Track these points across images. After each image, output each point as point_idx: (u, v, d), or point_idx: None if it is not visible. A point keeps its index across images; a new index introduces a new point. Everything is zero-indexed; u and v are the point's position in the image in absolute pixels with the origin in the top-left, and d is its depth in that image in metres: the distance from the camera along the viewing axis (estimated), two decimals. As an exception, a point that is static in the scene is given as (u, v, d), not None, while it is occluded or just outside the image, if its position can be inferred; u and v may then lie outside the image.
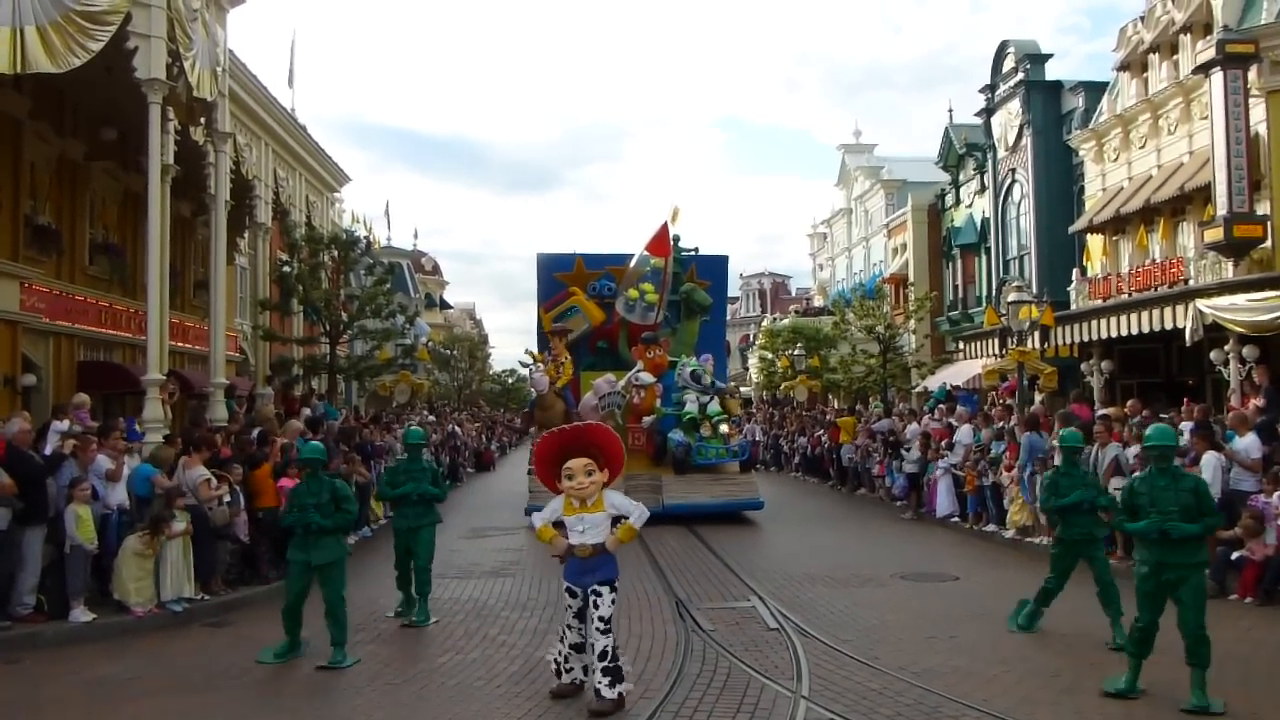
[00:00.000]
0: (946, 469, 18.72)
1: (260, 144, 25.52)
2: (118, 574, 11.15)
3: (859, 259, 49.67)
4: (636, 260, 21.50)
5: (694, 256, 23.49)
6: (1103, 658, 8.79)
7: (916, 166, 44.35)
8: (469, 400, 57.47)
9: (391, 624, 10.94)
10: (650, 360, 20.07)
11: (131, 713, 7.84)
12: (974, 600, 11.69)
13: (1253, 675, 8.30)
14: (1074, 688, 7.94)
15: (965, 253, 36.68)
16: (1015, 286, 26.20)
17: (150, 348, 13.79)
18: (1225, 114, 20.42)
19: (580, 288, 21.97)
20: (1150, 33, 25.03)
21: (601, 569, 7.57)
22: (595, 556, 7.59)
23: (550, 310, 21.90)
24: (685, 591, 12.18)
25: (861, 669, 8.50)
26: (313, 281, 26.08)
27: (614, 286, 21.71)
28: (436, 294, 68.56)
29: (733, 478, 19.55)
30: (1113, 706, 7.46)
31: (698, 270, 23.05)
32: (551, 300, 22.10)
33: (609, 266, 22.11)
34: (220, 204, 16.77)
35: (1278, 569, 11.26)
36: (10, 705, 8.17)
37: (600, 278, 22.04)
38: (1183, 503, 7.56)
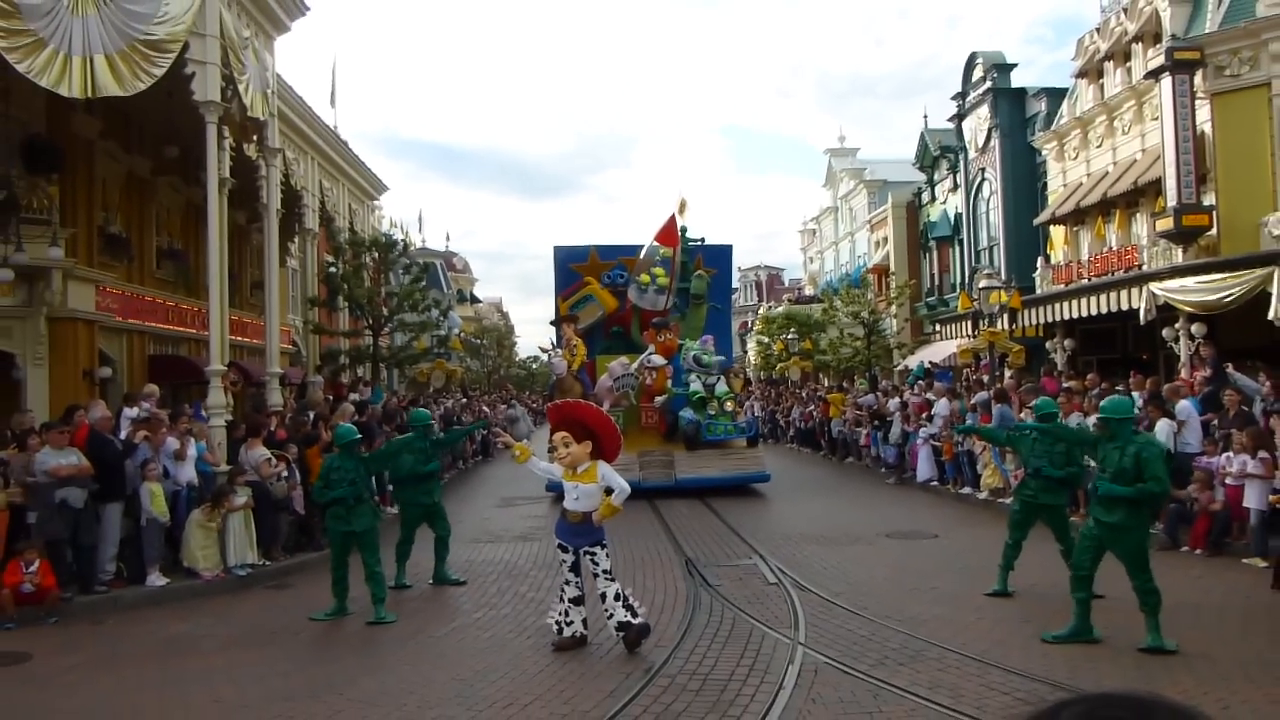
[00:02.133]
0: (926, 438, 18.69)
1: (307, 158, 25.50)
2: (186, 543, 11.23)
3: (845, 252, 49.50)
4: (647, 250, 21.09)
5: (700, 246, 22.96)
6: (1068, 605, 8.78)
7: (896, 167, 44.08)
8: (498, 384, 57.49)
9: (429, 585, 10.99)
10: (661, 344, 19.74)
11: (202, 665, 7.90)
12: (952, 556, 11.71)
13: (1203, 619, 8.29)
14: (1042, 631, 7.94)
15: (940, 244, 36.50)
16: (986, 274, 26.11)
17: (212, 342, 13.81)
18: (1174, 115, 20.24)
19: (595, 277, 21.56)
20: (1105, 42, 24.81)
21: (592, 533, 7.70)
22: (584, 523, 7.68)
23: (567, 299, 21.52)
24: (694, 551, 12.21)
25: (852, 618, 8.52)
26: (356, 280, 26.09)
27: (626, 276, 21.29)
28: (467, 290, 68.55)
29: (740, 452, 18.96)
30: (1075, 648, 7.46)
31: (704, 259, 22.48)
32: (568, 290, 21.70)
33: (621, 257, 21.67)
34: (272, 212, 16.75)
35: (1224, 523, 11.24)
36: (97, 661, 8.25)
37: (613, 268, 21.63)
38: (1121, 466, 7.50)
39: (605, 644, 7.97)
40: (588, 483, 7.65)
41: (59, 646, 8.72)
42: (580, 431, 7.67)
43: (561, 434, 7.70)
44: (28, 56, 11.20)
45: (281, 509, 12.53)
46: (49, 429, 10.66)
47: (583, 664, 7.49)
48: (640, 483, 16.80)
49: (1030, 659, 7.21)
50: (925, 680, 6.71)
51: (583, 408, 8.07)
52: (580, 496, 7.66)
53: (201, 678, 7.53)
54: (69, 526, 10.23)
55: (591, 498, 7.63)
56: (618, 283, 21.46)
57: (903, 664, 7.10)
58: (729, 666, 7.23)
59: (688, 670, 7.18)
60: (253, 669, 7.76)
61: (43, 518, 10.13)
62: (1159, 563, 7.95)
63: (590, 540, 7.69)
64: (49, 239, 14.11)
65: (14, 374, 14.35)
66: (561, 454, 7.70)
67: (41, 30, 11.26)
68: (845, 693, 6.53)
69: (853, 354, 35.83)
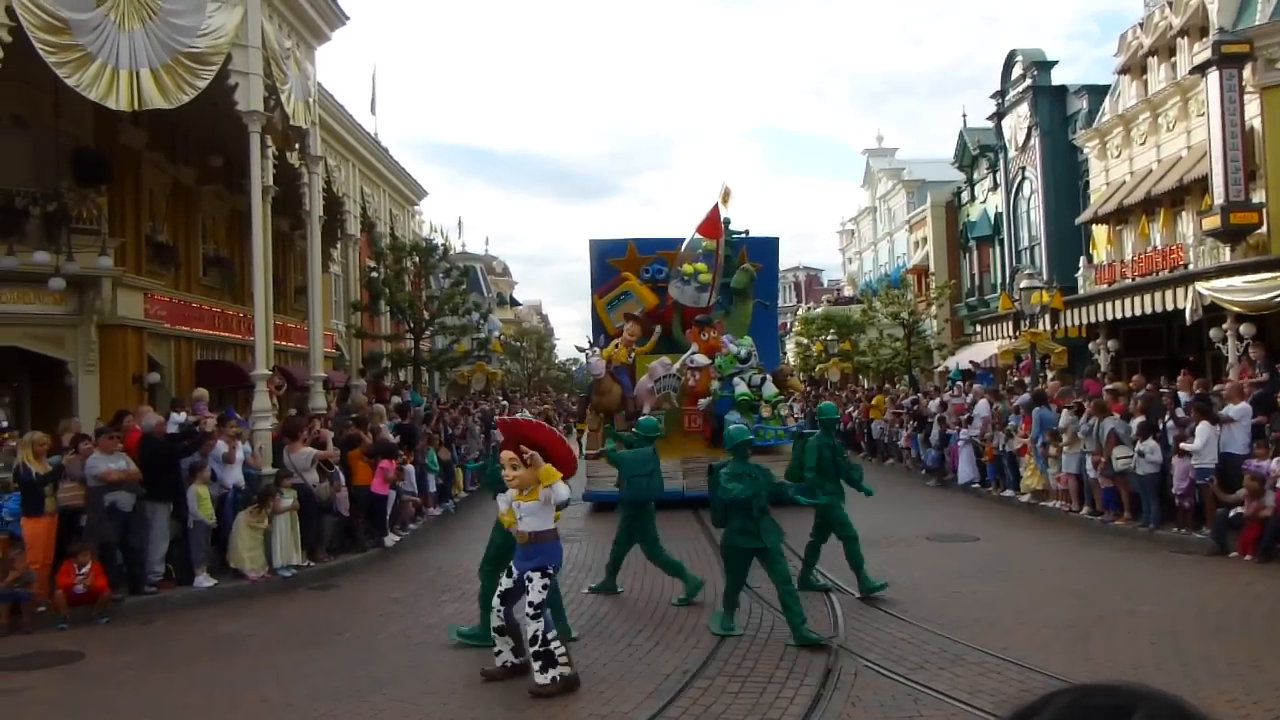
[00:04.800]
0: (967, 440, 18.51)
1: (348, 165, 25.81)
2: (233, 545, 11.42)
3: (884, 252, 49.13)
4: (688, 243, 19.91)
5: (744, 239, 21.66)
6: (1112, 610, 8.66)
7: (934, 167, 43.69)
8: (537, 386, 57.78)
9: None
10: (704, 343, 18.80)
11: (249, 664, 8.03)
12: (993, 559, 11.58)
13: (1252, 627, 8.13)
14: (1085, 637, 7.84)
15: (980, 244, 36.09)
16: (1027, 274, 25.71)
17: (257, 347, 14.01)
18: (1222, 110, 19.84)
19: (633, 273, 20.52)
20: (1149, 37, 24.39)
21: (536, 556, 7.02)
22: (531, 544, 7.03)
23: (604, 296, 20.47)
24: (732, 554, 12.17)
25: (892, 621, 8.46)
26: (397, 285, 26.36)
27: (666, 271, 20.12)
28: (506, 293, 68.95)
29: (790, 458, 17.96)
30: (1120, 656, 7.36)
31: (749, 253, 21.18)
32: (605, 286, 20.66)
33: (661, 251, 20.58)
34: (314, 219, 16.97)
35: (1275, 529, 11.00)
36: (147, 660, 8.41)
37: (652, 262, 20.60)
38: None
39: (643, 644, 7.98)
40: (529, 501, 7.04)
41: (111, 646, 8.91)
42: (527, 453, 7.01)
43: (507, 454, 7.08)
44: (76, 71, 11.45)
45: (326, 511, 12.70)
46: (100, 435, 10.89)
47: (622, 664, 7.51)
48: (684, 491, 16.52)
49: (1074, 664, 7.11)
50: (966, 685, 6.65)
51: (531, 427, 7.43)
52: (524, 516, 7.06)
53: (248, 677, 7.65)
54: (119, 529, 10.45)
55: (534, 516, 7.01)
56: (657, 278, 20.47)
57: (943, 668, 7.04)
58: (768, 668, 7.21)
59: (727, 672, 7.18)
60: (298, 669, 7.87)
61: (93, 521, 10.36)
62: (1207, 568, 7.81)
63: (534, 564, 7.00)
64: (98, 249, 14.41)
65: (66, 381, 14.68)
66: (509, 476, 7.07)
67: (89, 45, 11.50)
68: (885, 696, 6.49)
69: (892, 355, 35.56)
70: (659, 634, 8.37)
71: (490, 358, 36.39)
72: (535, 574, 6.95)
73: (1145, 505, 12.93)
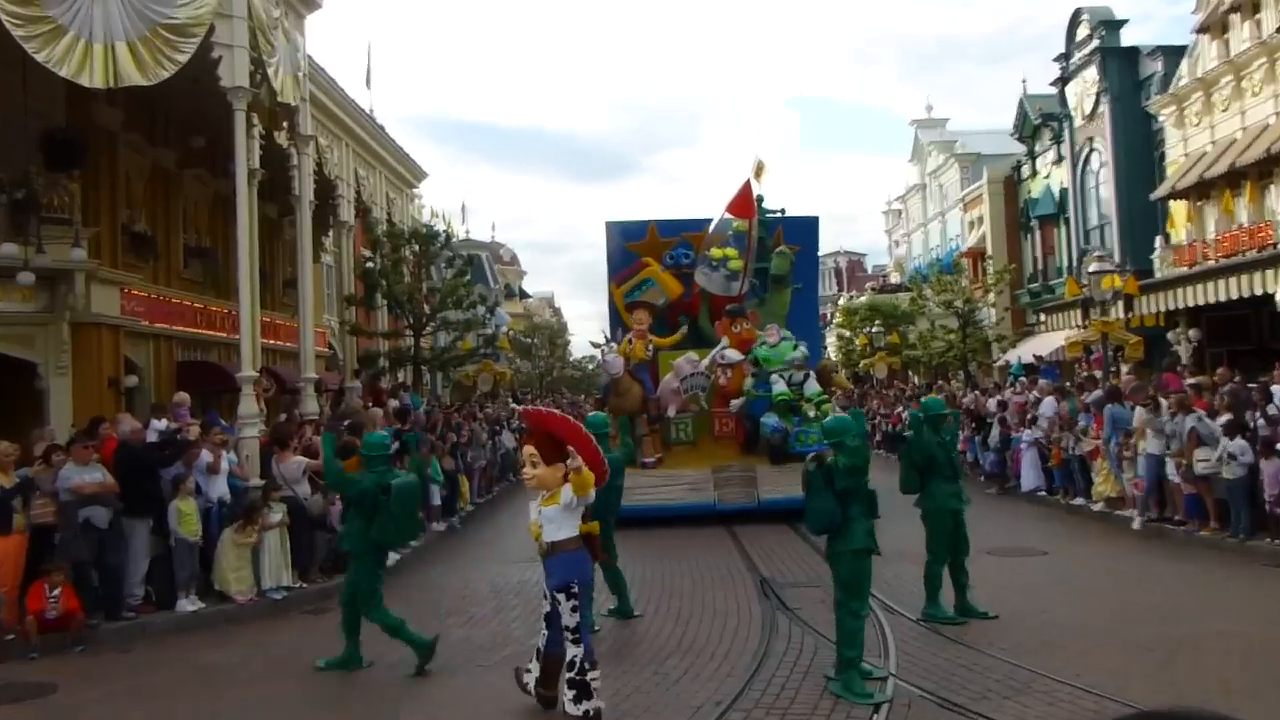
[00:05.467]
0: (1031, 442, 18.37)
1: (341, 145, 25.92)
2: (218, 564, 11.46)
3: (935, 234, 48.88)
4: (717, 224, 19.53)
5: (780, 219, 21.26)
6: (1198, 630, 8.54)
7: (991, 139, 43.44)
8: (550, 387, 57.95)
9: (483, 608, 11.08)
10: (736, 335, 18.39)
11: (237, 698, 8.05)
12: (1062, 575, 11.48)
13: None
14: (1168, 661, 7.74)
15: (1044, 224, 35.87)
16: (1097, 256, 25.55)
17: (243, 346, 14.09)
18: (1313, 71, 19.60)
19: (654, 258, 20.11)
20: (1231, -9, 24.13)
21: (556, 572, 6.77)
22: (552, 557, 6.78)
23: (622, 284, 20.10)
24: (770, 569, 12.15)
25: (949, 645, 8.40)
26: (395, 276, 26.44)
27: (692, 255, 19.80)
28: (515, 284, 69.20)
29: None
30: (1210, 678, 7.26)
31: (785, 234, 20.72)
32: (623, 273, 20.30)
33: (686, 233, 20.20)
34: (305, 204, 17.04)
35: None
36: (125, 693, 8.45)
37: (676, 246, 20.20)
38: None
39: (671, 672, 7.95)
40: (549, 505, 6.76)
41: (85, 677, 8.95)
42: (552, 449, 6.74)
43: (530, 450, 6.80)
44: (46, 45, 11.53)
45: (318, 527, 12.74)
46: (73, 444, 10.95)
47: (648, 696, 7.48)
48: (715, 504, 16.50)
49: (1155, 691, 7.02)
50: (1034, 715, 6.59)
51: (557, 420, 7.03)
52: (545, 525, 6.78)
53: (237, 711, 7.67)
54: (94, 548, 10.50)
55: (554, 523, 6.72)
56: (681, 264, 20.08)
57: (1008, 697, 6.97)
58: (810, 699, 7.17)
59: (764, 703, 7.13)
60: (290, 703, 7.89)
61: (66, 539, 10.41)
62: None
63: (555, 581, 6.78)
64: (71, 239, 14.50)
65: (36, 384, 14.78)
66: (528, 475, 6.84)
67: (60, 17, 11.57)
68: (943, 730, 6.43)
69: (946, 348, 35.41)
70: (689, 661, 8.34)
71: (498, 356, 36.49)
72: (560, 594, 6.74)
73: (1234, 513, 12.77)
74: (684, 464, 17.81)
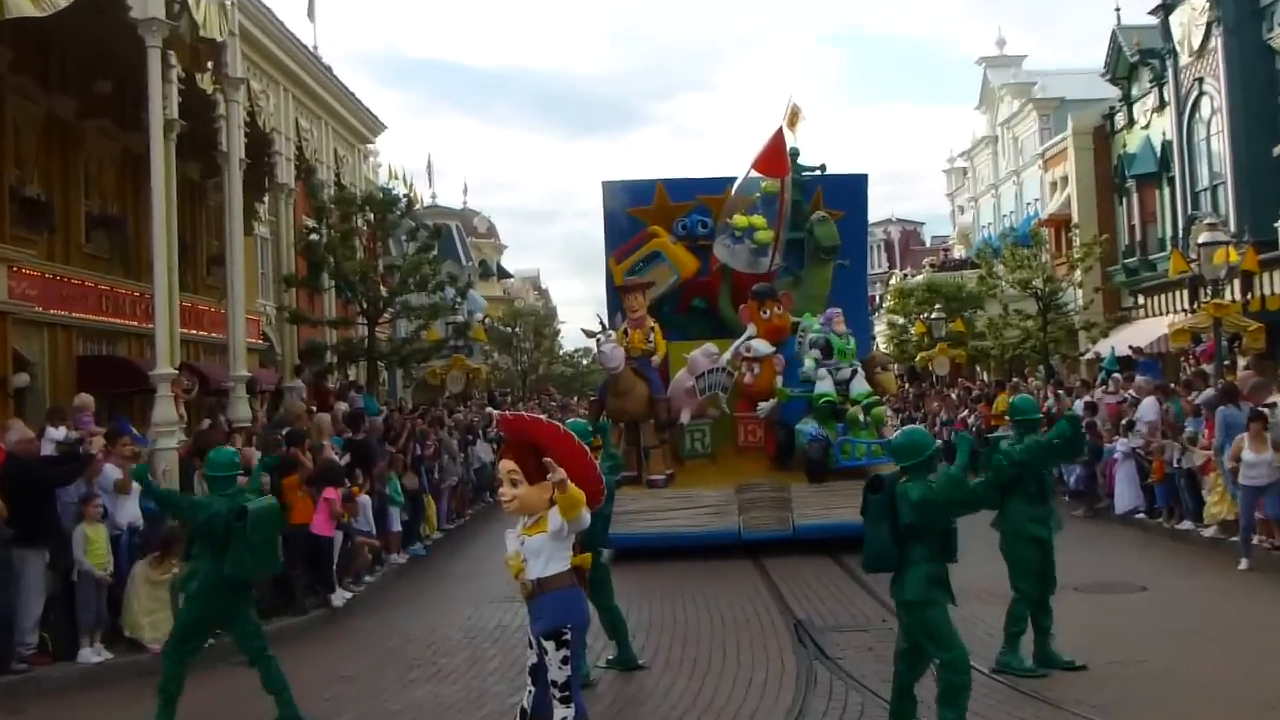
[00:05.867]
0: (1127, 453, 18.35)
1: (278, 90, 25.90)
2: (128, 605, 11.47)
3: (1008, 198, 48.80)
4: (740, 184, 19.31)
5: (820, 177, 21.07)
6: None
7: (1077, 81, 43.33)
8: (536, 387, 57.95)
9: (454, 659, 11.09)
10: (766, 323, 18.10)
11: (153, 769, 8.06)
12: (1166, 615, 11.49)
13: None
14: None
15: (1142, 185, 35.76)
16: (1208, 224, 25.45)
17: (159, 337, 14.11)
18: None
19: (663, 226, 20.07)
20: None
21: (544, 615, 6.61)
22: (537, 598, 6.63)
23: (623, 260, 20.01)
24: (806, 611, 12.16)
25: (1026, 703, 8.41)
26: (345, 251, 26.43)
27: (710, 223, 19.73)
28: (493, 260, 69.22)
29: None
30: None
31: (825, 196, 20.43)
32: (625, 246, 20.26)
33: (701, 195, 20.14)
34: (234, 163, 17.05)
35: None
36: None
37: (690, 211, 20.14)
38: None
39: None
40: (535, 534, 6.60)
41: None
42: (535, 464, 6.53)
43: (508, 465, 6.65)
44: (-86, -33, 11.54)
45: (253, 559, 12.74)
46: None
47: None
48: (740, 532, 16.48)
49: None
50: (1131, 789, 6.59)
51: (542, 428, 6.86)
52: (529, 558, 6.63)
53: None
54: (-23, 585, 10.50)
55: (541, 556, 6.57)
56: (697, 234, 20.03)
57: (1099, 767, 6.98)
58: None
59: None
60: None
61: (-58, 575, 10.40)
62: None
63: (544, 626, 6.63)
64: (-54, 206, 14.53)
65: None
66: (506, 496, 6.68)
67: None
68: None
69: (1022, 338, 35.34)
70: None
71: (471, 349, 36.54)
72: (549, 642, 6.60)
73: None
74: (701, 482, 17.81)
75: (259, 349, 25.15)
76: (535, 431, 6.74)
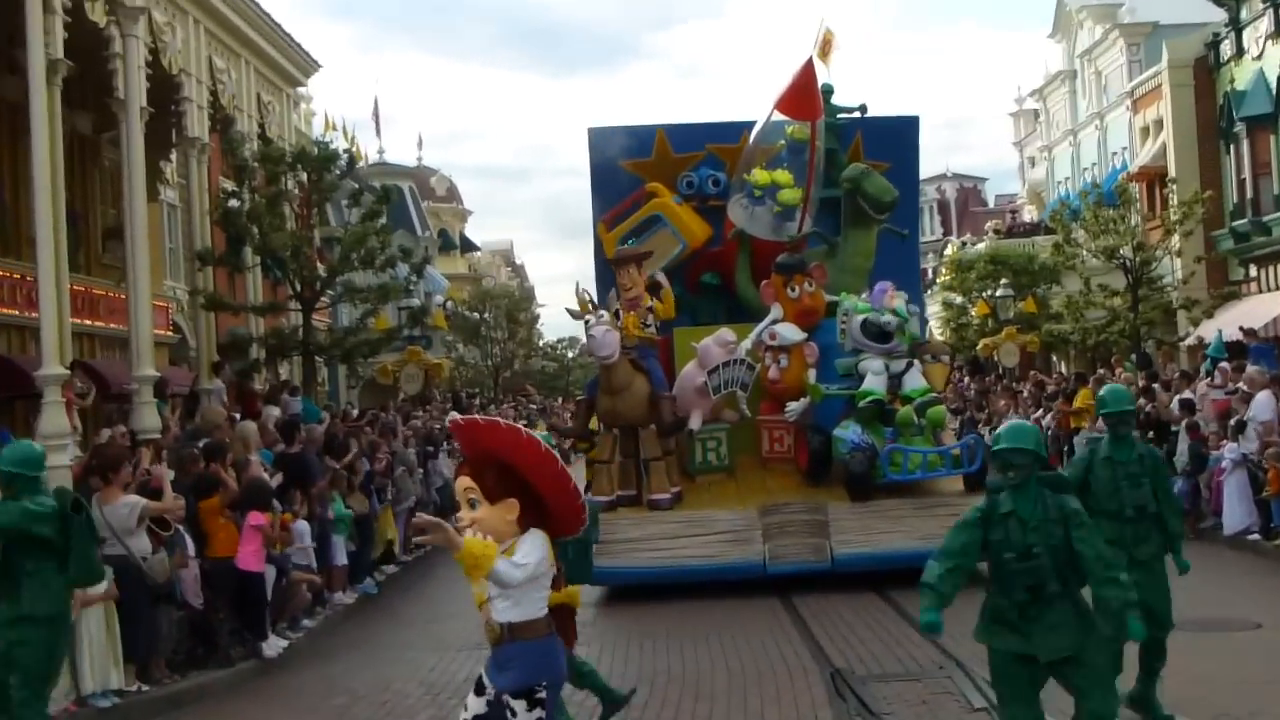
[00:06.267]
0: (1237, 461, 18.38)
1: (187, 22, 25.82)
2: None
3: (1089, 147, 48.76)
4: (761, 130, 19.31)
5: (860, 120, 21.07)
6: None
7: (1175, 3, 43.36)
8: (511, 386, 58.02)
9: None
10: (794, 303, 18.00)
11: None
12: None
13: None
14: None
15: (1254, 128, 35.75)
16: (1335, 177, 25.55)
17: (45, 330, 14.07)
18: None
19: (665, 184, 19.93)
20: None
21: (512, 666, 6.54)
22: (507, 645, 6.58)
23: (615, 226, 19.84)
24: (845, 658, 12.20)
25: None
26: (272, 220, 26.37)
27: (724, 179, 19.81)
28: (455, 230, 69.12)
29: (953, 504, 15.61)
30: None
31: (866, 144, 20.54)
32: (617, 208, 20.20)
33: (712, 145, 20.23)
34: (133, 113, 17.01)
35: None
36: None
37: (699, 164, 20.17)
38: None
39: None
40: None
41: None
42: (496, 479, 6.49)
43: (464, 483, 6.55)
44: None
45: (165, 600, 12.76)
46: None
47: None
48: (765, 565, 16.28)
49: None
50: None
51: (503, 434, 6.68)
52: (495, 595, 6.58)
53: None
54: None
55: (509, 595, 6.49)
56: (708, 192, 20.00)
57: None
58: None
59: None
60: None
61: None
62: None
63: (512, 681, 6.55)
64: None
65: None
66: (463, 519, 6.51)
67: None
68: None
69: (1108, 320, 35.36)
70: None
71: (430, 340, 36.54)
72: (518, 702, 6.49)
73: None
74: (716, 502, 17.74)
75: (168, 342, 25.13)
76: (492, 438, 6.59)
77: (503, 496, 6.37)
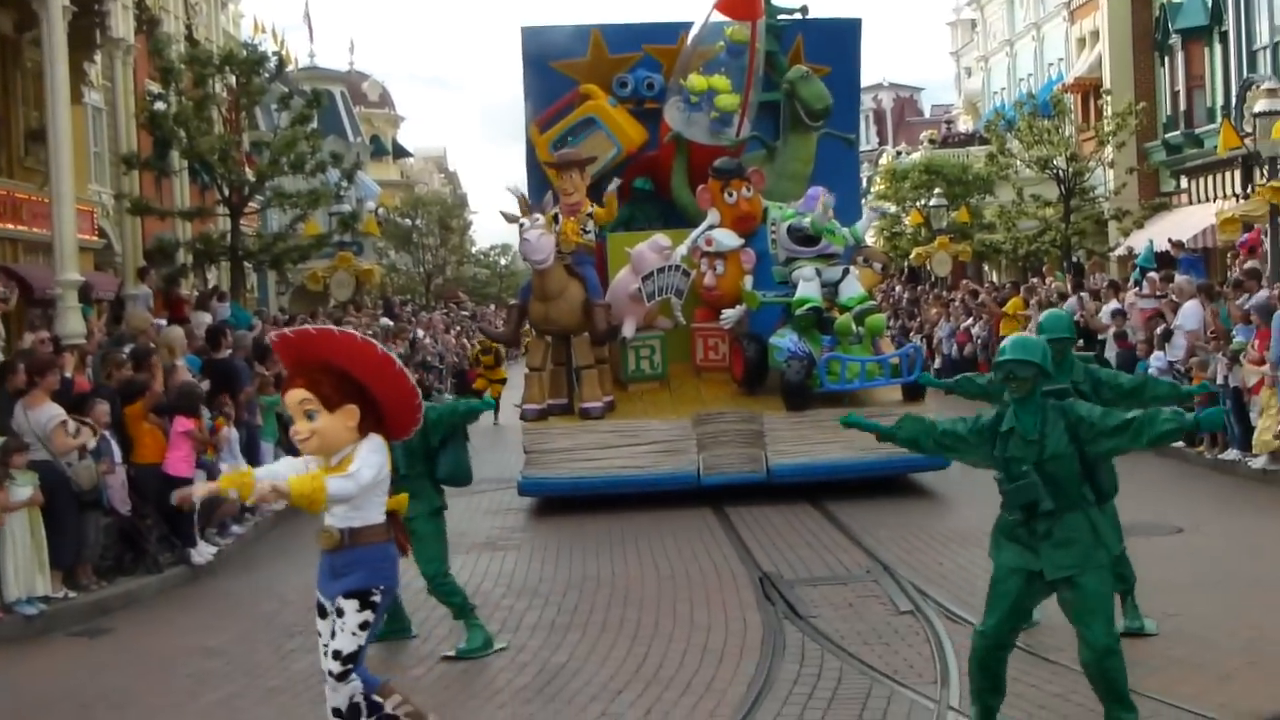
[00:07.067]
0: (1164, 369, 18.59)
1: (110, -84, 25.37)
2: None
3: (1025, 57, 48.80)
4: (699, 31, 19.29)
5: (801, 22, 20.73)
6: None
7: (1111, -91, 43.29)
8: (442, 293, 57.76)
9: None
10: (731, 208, 17.74)
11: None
12: (1204, 561, 11.72)
13: None
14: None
15: (1189, 41, 35.85)
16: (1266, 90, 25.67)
17: (-34, 233, 13.93)
18: None
19: (600, 85, 19.72)
20: None
21: (353, 570, 6.60)
22: (346, 551, 6.60)
23: (548, 128, 19.79)
24: (774, 563, 12.32)
25: (1036, 665, 8.54)
26: (200, 124, 26.08)
27: (660, 82, 19.71)
28: (387, 136, 68.54)
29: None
30: None
31: (807, 47, 20.27)
32: (549, 111, 20.05)
33: (648, 46, 20.10)
34: (55, 11, 16.73)
35: None
36: None
37: (634, 66, 20.04)
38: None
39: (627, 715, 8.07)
40: (340, 475, 6.38)
41: None
42: (334, 386, 6.41)
43: (298, 394, 6.41)
44: None
45: (91, 507, 12.69)
46: None
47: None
48: (699, 476, 16.29)
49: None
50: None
51: (333, 339, 6.63)
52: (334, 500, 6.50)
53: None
54: None
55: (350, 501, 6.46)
56: (643, 95, 19.88)
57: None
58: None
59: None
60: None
61: None
62: None
63: (348, 585, 6.62)
64: None
65: None
66: (301, 431, 6.44)
67: None
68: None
69: (1040, 229, 35.55)
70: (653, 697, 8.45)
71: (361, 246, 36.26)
72: (349, 601, 6.61)
73: None
74: (649, 411, 17.62)
75: (93, 247, 24.79)
76: (329, 346, 6.55)
77: (341, 404, 6.35)
